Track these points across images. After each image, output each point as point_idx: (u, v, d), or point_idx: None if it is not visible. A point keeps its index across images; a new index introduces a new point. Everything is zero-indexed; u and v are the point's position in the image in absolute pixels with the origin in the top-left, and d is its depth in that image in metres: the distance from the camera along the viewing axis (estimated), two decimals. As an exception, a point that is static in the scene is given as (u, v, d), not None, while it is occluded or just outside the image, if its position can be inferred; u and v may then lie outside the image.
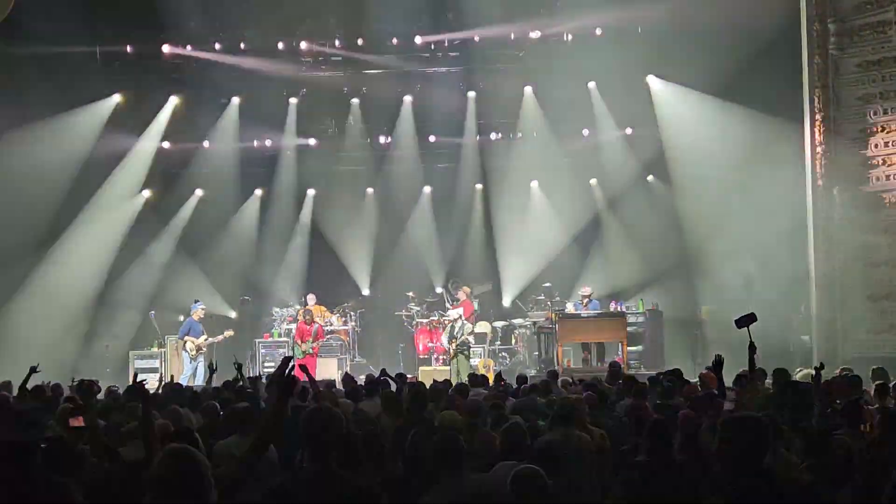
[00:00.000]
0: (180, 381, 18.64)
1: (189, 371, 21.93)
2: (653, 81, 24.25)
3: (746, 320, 10.53)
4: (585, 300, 22.56)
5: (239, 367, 13.57)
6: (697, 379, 13.87)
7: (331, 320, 24.60)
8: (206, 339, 22.35)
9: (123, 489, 6.66)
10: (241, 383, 12.87)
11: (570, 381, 14.61)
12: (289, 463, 8.01)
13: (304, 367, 12.42)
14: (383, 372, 14.03)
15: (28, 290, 22.86)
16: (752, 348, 10.31)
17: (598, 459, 8.54)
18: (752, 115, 21.61)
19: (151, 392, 11.95)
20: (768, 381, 12.33)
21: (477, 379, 15.34)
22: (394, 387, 12.54)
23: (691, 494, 6.83)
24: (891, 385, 11.84)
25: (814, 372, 11.13)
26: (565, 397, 9.80)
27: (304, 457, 5.81)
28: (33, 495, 5.54)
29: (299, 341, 22.38)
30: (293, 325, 23.33)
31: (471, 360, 22.62)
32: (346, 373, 17.99)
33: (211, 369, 14.11)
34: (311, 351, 22.20)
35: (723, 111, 22.47)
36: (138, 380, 10.48)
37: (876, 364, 14.28)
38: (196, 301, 23.19)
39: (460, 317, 22.94)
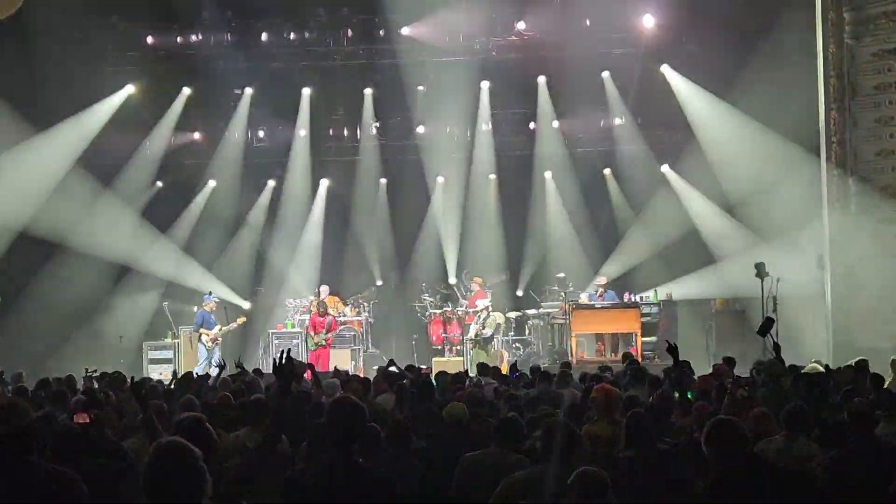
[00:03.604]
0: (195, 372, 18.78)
1: (204, 362, 21.93)
2: (667, 71, 24.17)
3: (767, 327, 10.53)
4: (601, 290, 22.53)
5: (240, 365, 13.63)
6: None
7: (344, 311, 24.59)
8: (219, 330, 22.37)
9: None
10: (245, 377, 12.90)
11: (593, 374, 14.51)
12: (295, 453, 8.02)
13: (310, 366, 12.40)
14: (391, 362, 14.00)
15: (41, 283, 22.90)
16: (776, 348, 10.27)
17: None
18: (765, 103, 21.50)
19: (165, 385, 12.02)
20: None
21: (486, 369, 15.34)
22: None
23: (677, 483, 6.82)
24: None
25: (820, 367, 11.13)
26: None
27: (327, 447, 5.83)
28: (36, 485, 5.52)
29: (312, 333, 22.37)
30: (306, 316, 23.30)
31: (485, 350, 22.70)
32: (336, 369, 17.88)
33: (220, 367, 14.08)
34: (323, 342, 22.19)
35: (737, 100, 22.37)
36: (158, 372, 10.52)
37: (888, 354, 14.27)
38: (209, 293, 23.22)
39: (486, 308, 22.99)
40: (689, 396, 10.15)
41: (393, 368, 13.51)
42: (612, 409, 8.96)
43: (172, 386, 13.02)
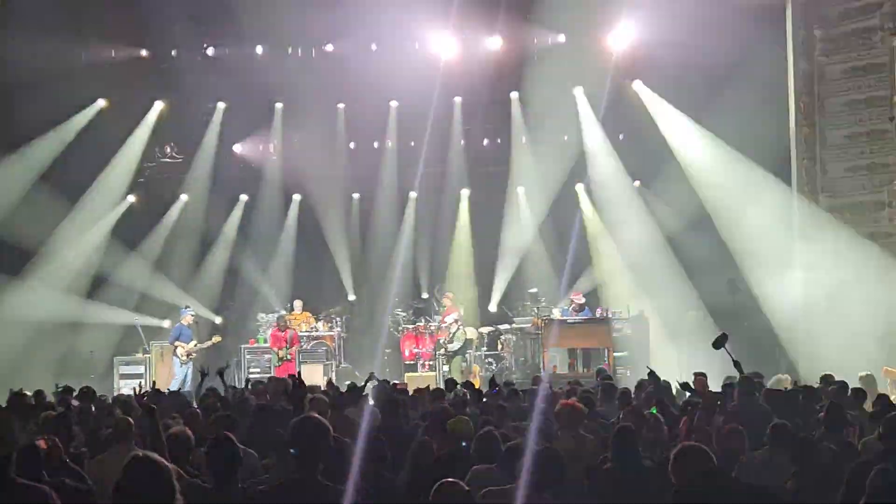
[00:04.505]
0: (170, 387, 18.81)
1: (180, 376, 21.89)
2: (639, 87, 24.27)
3: (721, 341, 10.58)
4: (574, 305, 22.55)
5: (221, 374, 13.57)
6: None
7: (316, 326, 24.55)
8: (195, 345, 22.32)
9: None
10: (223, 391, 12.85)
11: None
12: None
13: (292, 376, 12.40)
14: (371, 376, 14.00)
15: (12, 296, 22.73)
16: (737, 365, 10.33)
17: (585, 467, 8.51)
18: (736, 123, 21.58)
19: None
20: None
21: (453, 385, 15.34)
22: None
23: (659, 500, 6.85)
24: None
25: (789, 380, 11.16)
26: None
27: (290, 463, 5.82)
28: (12, 499, 5.49)
29: (276, 349, 22.48)
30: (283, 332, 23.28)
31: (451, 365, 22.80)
32: (330, 380, 17.97)
33: (202, 373, 14.04)
34: (287, 357, 22.34)
35: (707, 119, 22.48)
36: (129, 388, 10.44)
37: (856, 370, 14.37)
38: (186, 306, 23.16)
39: (455, 321, 23.05)
40: (654, 412, 10.21)
41: (373, 382, 13.53)
42: (575, 424, 9.03)
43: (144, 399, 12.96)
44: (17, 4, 21.39)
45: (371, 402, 12.63)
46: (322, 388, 14.02)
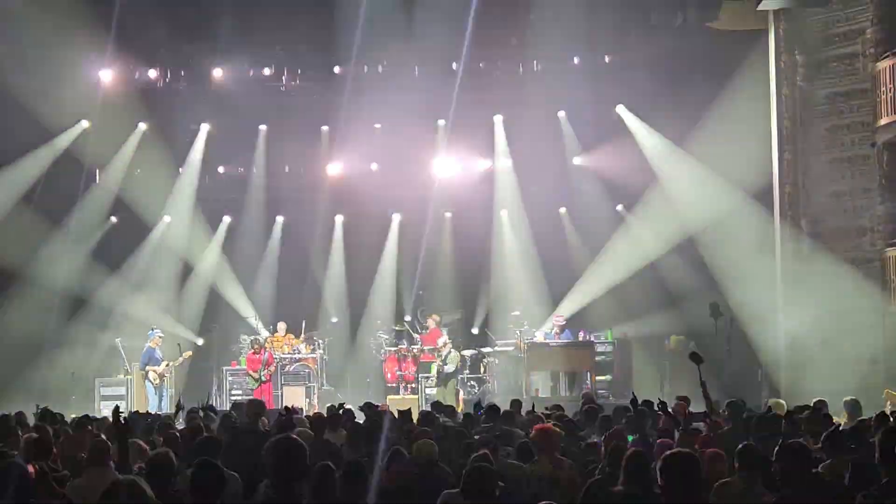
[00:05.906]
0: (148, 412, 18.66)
1: (155, 401, 21.76)
2: (623, 111, 24.36)
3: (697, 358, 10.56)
4: (556, 330, 22.52)
5: (178, 408, 13.65)
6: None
7: (299, 348, 24.47)
8: (166, 365, 22.25)
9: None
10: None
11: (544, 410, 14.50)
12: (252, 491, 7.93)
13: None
14: (341, 406, 13.98)
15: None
16: (703, 384, 10.33)
17: (563, 491, 8.48)
18: (719, 147, 21.65)
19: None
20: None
21: (440, 407, 15.27)
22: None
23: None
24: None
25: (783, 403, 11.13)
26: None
27: (269, 485, 5.77)
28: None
29: (252, 372, 22.49)
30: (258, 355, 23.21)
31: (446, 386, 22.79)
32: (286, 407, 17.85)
33: (178, 407, 14.03)
34: (263, 379, 22.40)
35: (690, 143, 22.55)
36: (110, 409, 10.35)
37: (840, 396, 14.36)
38: (153, 328, 23.02)
39: (446, 343, 23.02)
40: (630, 439, 10.18)
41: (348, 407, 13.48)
42: (552, 448, 8.98)
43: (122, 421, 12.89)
44: (1, 26, 21.35)
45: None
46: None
